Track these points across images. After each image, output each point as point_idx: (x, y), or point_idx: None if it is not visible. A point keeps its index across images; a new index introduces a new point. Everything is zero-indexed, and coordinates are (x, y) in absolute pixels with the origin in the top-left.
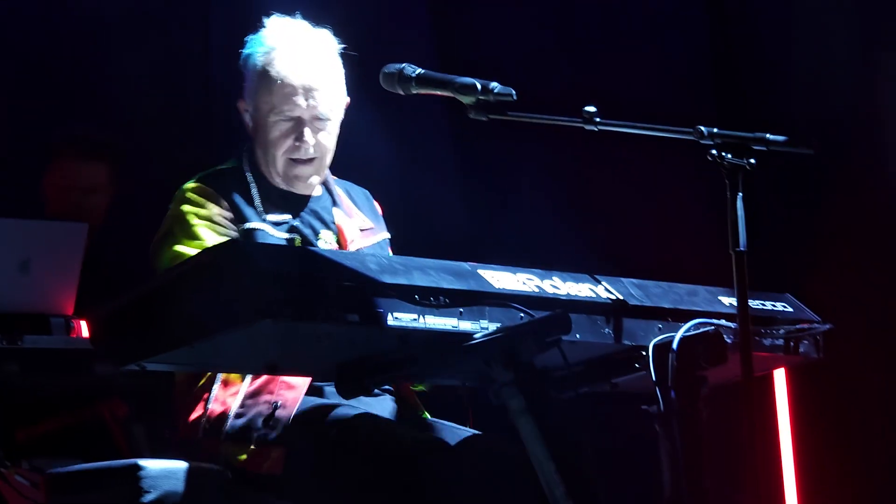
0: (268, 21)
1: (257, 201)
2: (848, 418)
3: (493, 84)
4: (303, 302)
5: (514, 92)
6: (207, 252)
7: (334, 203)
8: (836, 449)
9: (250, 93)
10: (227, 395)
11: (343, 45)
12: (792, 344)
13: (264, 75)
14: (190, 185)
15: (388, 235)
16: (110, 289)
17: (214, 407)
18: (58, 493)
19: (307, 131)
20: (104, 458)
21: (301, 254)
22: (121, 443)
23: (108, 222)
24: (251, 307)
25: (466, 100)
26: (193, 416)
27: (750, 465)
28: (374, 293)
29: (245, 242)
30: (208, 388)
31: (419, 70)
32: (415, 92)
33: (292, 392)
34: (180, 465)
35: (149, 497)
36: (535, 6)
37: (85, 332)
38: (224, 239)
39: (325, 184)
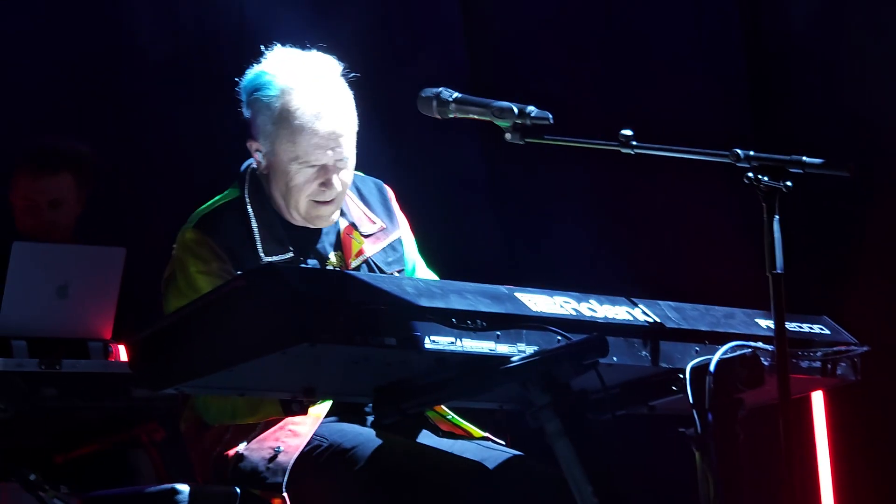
0: (272, 54)
1: (258, 242)
2: (886, 440)
3: (530, 108)
4: (340, 325)
5: (550, 116)
6: (244, 276)
7: (342, 213)
8: (875, 471)
9: (266, 136)
10: (238, 441)
11: (346, 68)
12: (829, 366)
13: (284, 122)
14: (190, 233)
15: (400, 234)
16: (148, 313)
17: (222, 451)
18: None
19: (334, 178)
20: (140, 483)
21: (339, 277)
22: (158, 466)
23: (148, 246)
24: (289, 331)
25: (503, 123)
26: (202, 463)
27: (788, 488)
28: (411, 317)
29: (283, 266)
30: (220, 434)
31: (456, 94)
32: (452, 116)
33: (296, 440)
34: (216, 489)
35: None
36: (571, 30)
37: (123, 357)
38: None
39: None
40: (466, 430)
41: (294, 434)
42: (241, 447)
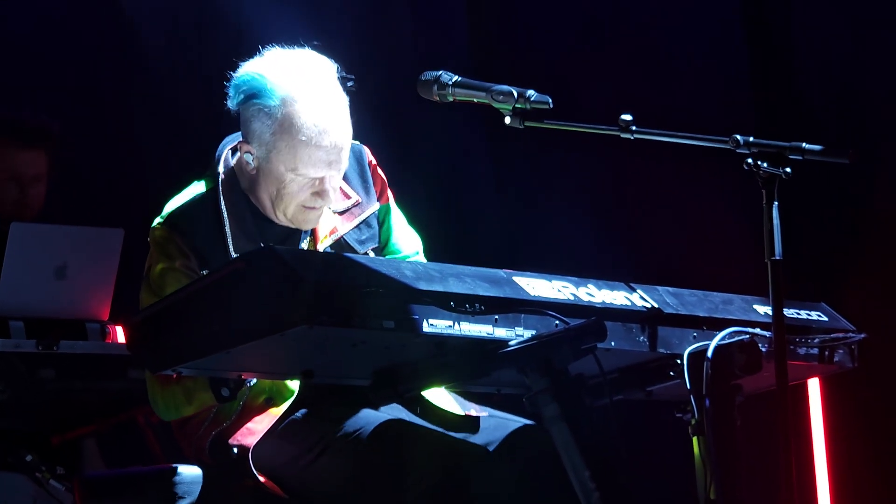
0: (270, 56)
1: (229, 238)
2: (883, 427)
3: (530, 92)
4: (338, 308)
5: (550, 100)
6: (243, 258)
7: None
8: (871, 458)
9: (262, 143)
10: (211, 430)
11: (342, 69)
12: (827, 353)
13: (286, 134)
14: (159, 229)
15: (377, 207)
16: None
17: (199, 440)
18: (91, 497)
19: (329, 188)
20: (138, 464)
21: (337, 260)
22: (155, 448)
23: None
24: (287, 313)
25: (503, 107)
26: (188, 449)
27: (784, 474)
28: (409, 300)
29: (282, 248)
30: (200, 424)
31: (456, 77)
32: (451, 99)
33: (251, 437)
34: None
35: (184, 502)
36: (572, 16)
37: (121, 338)
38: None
39: None
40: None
41: (250, 432)
42: (212, 436)
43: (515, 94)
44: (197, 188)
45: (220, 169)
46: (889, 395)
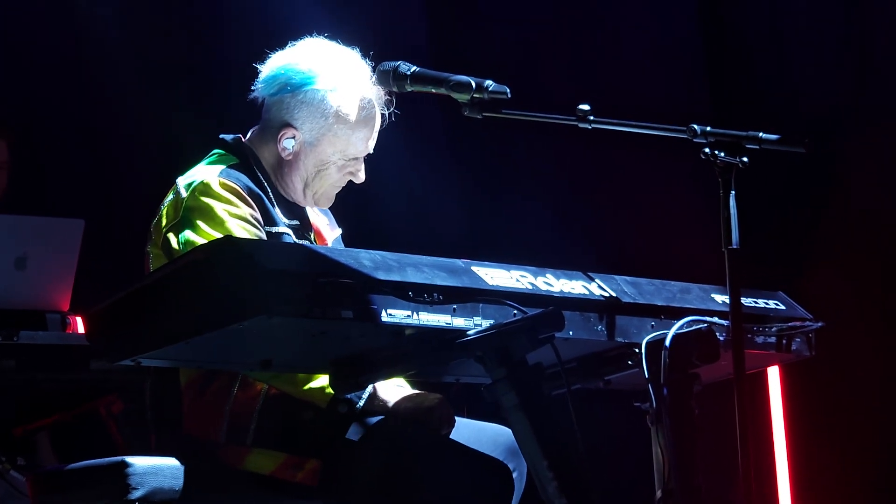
0: (301, 44)
1: (274, 205)
2: (841, 415)
3: (488, 82)
4: (297, 298)
5: (508, 90)
6: (202, 249)
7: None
8: (829, 445)
9: (313, 126)
10: (248, 398)
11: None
12: (784, 342)
13: (342, 117)
14: (215, 179)
15: (339, 232)
16: (106, 284)
17: (235, 410)
18: (44, 492)
19: (363, 167)
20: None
21: (295, 251)
22: (116, 439)
23: (105, 217)
24: (246, 304)
25: (461, 98)
26: (210, 419)
27: (742, 462)
28: (368, 290)
29: (239, 239)
30: (226, 389)
31: (414, 68)
32: (410, 90)
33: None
34: (168, 462)
35: (136, 494)
36: (528, 4)
37: (81, 329)
38: (256, 236)
39: None
40: None
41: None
42: (260, 404)
43: (473, 84)
44: (226, 161)
45: (243, 150)
46: (847, 382)
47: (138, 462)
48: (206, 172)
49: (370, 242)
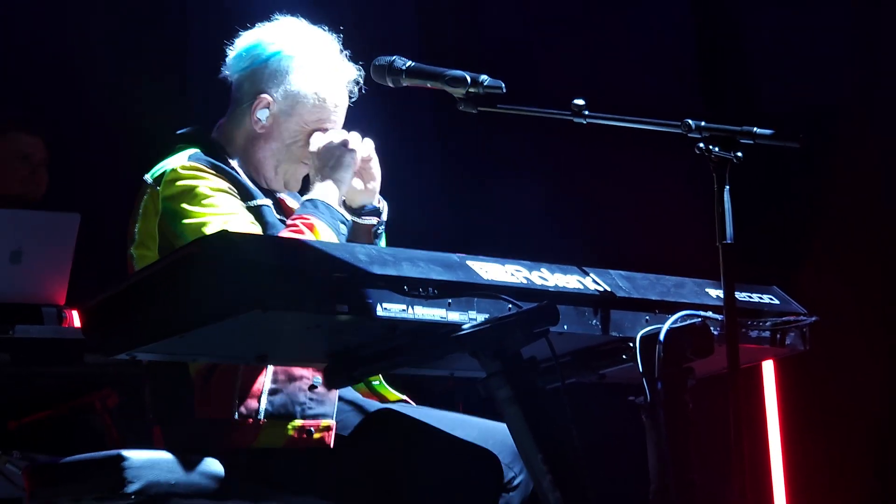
0: (281, 19)
1: (246, 183)
2: (835, 410)
3: (483, 77)
4: (292, 292)
5: (503, 84)
6: (197, 243)
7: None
8: (824, 440)
9: (283, 92)
10: (257, 375)
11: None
12: (778, 336)
13: (309, 85)
14: (183, 163)
15: None
16: (102, 278)
17: (244, 387)
18: (40, 485)
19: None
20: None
21: (290, 244)
22: (111, 432)
23: (101, 211)
24: (241, 297)
25: (456, 92)
26: (221, 399)
27: (737, 456)
28: (363, 284)
29: (234, 233)
30: (233, 369)
31: (409, 62)
32: (405, 84)
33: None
34: (164, 455)
35: (132, 487)
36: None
37: (77, 322)
38: (243, 208)
39: None
40: (383, 393)
41: None
42: (267, 382)
43: (469, 79)
44: (184, 150)
45: (205, 139)
46: (841, 377)
47: (134, 456)
48: (172, 161)
49: None
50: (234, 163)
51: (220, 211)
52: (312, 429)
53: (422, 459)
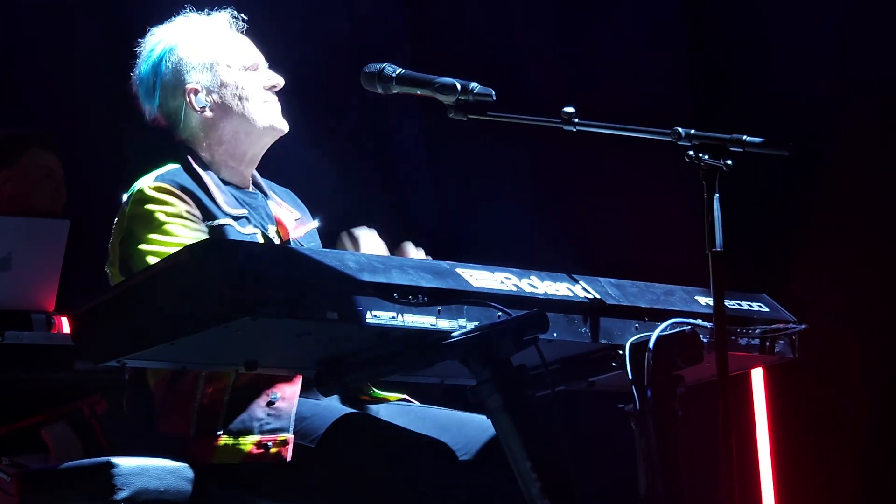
0: (148, 35)
1: (218, 197)
2: (824, 417)
3: (473, 84)
4: (282, 300)
5: (493, 92)
6: (187, 250)
7: (266, 196)
8: (813, 447)
9: (200, 72)
10: (216, 391)
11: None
12: (768, 344)
13: (212, 48)
14: (149, 184)
15: (317, 224)
16: (92, 285)
17: (204, 403)
18: (31, 491)
19: (272, 74)
20: (85, 455)
21: (280, 252)
22: (101, 439)
23: (91, 218)
24: (231, 305)
25: (446, 100)
26: (179, 414)
27: (726, 464)
28: (353, 291)
29: (225, 240)
30: (192, 385)
31: (399, 70)
32: (395, 91)
33: (291, 387)
34: (153, 462)
35: (122, 494)
36: (513, 7)
37: (66, 329)
38: (199, 234)
39: (253, 180)
40: (382, 396)
41: (286, 380)
42: (226, 399)
43: (459, 86)
44: (170, 167)
45: (182, 152)
46: (830, 384)
47: (124, 462)
48: (143, 180)
49: None
50: (207, 178)
51: (170, 241)
52: (270, 443)
53: (377, 463)
